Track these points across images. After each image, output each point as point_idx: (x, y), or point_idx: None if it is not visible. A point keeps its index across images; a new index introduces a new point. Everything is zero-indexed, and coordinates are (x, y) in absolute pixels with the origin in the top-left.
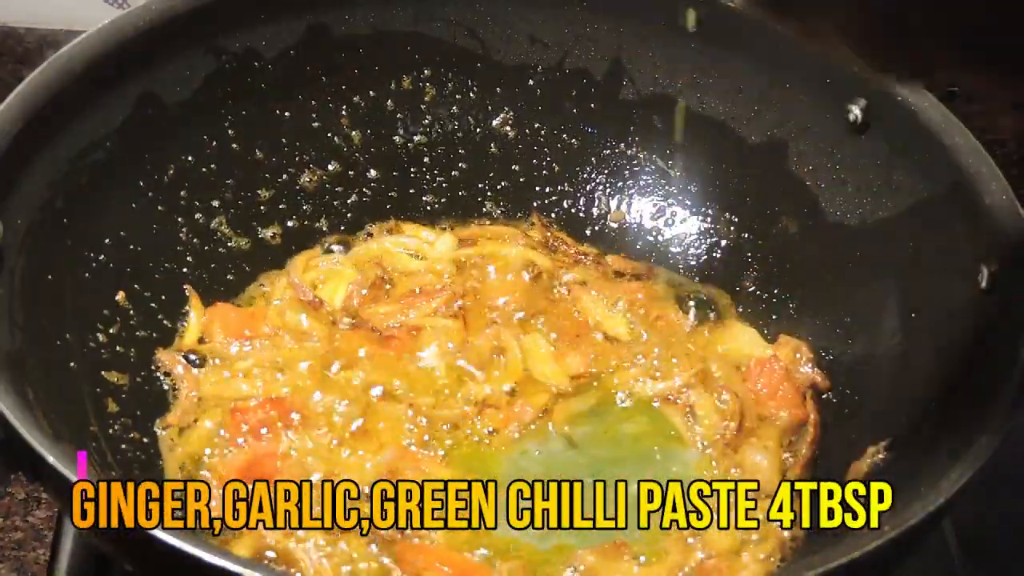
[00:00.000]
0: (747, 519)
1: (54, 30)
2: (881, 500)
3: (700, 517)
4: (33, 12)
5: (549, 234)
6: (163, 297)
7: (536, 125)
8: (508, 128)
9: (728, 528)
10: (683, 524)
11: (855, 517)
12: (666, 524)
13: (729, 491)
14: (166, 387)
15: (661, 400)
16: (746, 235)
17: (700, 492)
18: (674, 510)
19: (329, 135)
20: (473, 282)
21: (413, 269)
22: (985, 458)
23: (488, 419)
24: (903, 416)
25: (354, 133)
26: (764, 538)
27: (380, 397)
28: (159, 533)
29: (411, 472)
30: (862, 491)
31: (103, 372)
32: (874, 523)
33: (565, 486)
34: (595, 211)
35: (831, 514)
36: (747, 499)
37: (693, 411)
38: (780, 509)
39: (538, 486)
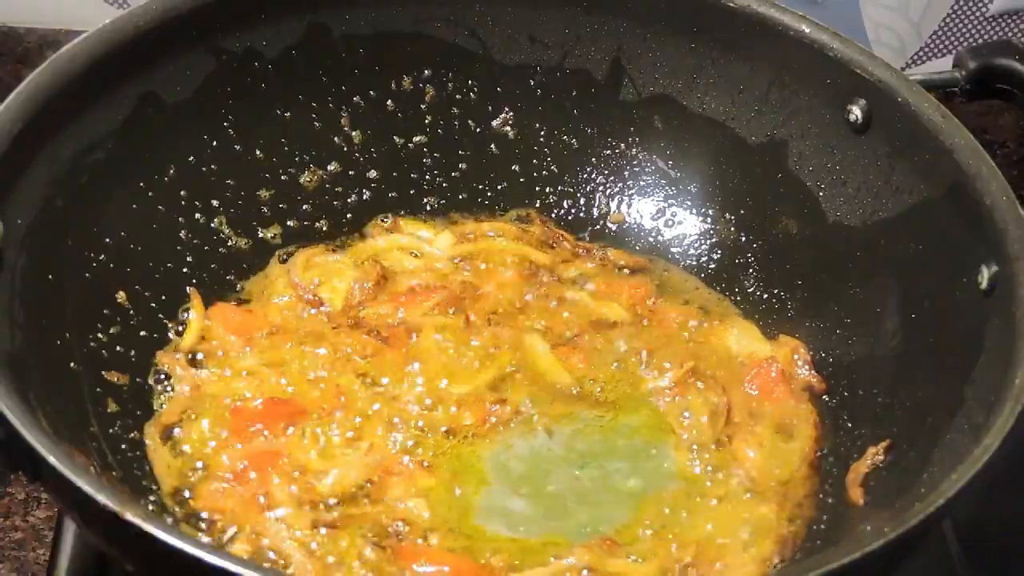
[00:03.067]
0: (746, 518)
1: (54, 30)
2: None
3: (697, 514)
4: (33, 12)
5: (548, 230)
6: (163, 297)
7: (536, 125)
8: (508, 128)
9: (726, 527)
10: (681, 522)
11: (855, 516)
12: (663, 522)
13: (727, 490)
14: (166, 387)
15: (655, 395)
16: (746, 235)
17: (698, 490)
18: (672, 508)
19: (329, 135)
20: (471, 280)
21: (412, 267)
22: (985, 459)
23: (473, 415)
24: (903, 416)
25: (354, 133)
26: (763, 538)
27: (376, 396)
28: (159, 533)
29: (397, 474)
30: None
31: (103, 372)
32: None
33: (561, 482)
34: (595, 211)
35: (831, 513)
36: (745, 498)
37: (686, 407)
38: (779, 509)
39: (534, 483)
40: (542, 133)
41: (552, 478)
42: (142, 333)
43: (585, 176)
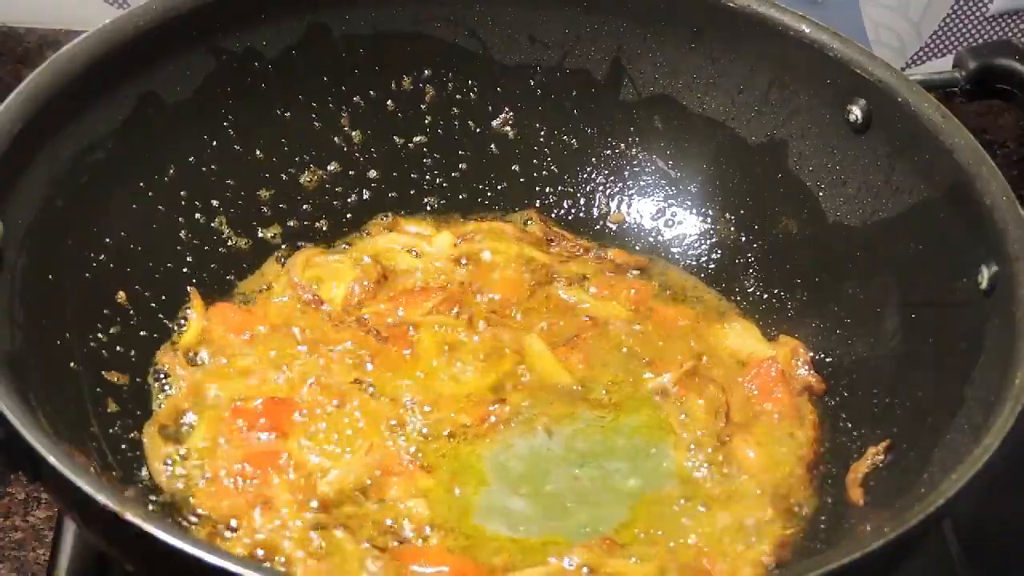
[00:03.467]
0: (745, 518)
1: (54, 30)
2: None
3: (696, 513)
4: (33, 12)
5: (548, 230)
6: (163, 297)
7: (536, 125)
8: (508, 128)
9: (726, 527)
10: (681, 522)
11: (855, 516)
12: (663, 522)
13: (727, 490)
14: (166, 387)
15: (655, 396)
16: (746, 235)
17: (697, 490)
18: (671, 508)
19: (329, 135)
20: (471, 280)
21: (411, 267)
22: (985, 459)
23: (473, 415)
24: (903, 416)
25: (354, 133)
26: (762, 538)
27: (376, 396)
28: (159, 533)
29: (396, 474)
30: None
31: (103, 372)
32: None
33: (560, 482)
34: (595, 211)
35: (831, 513)
36: (745, 498)
37: (686, 407)
38: (779, 509)
39: (533, 482)
40: (542, 133)
41: (552, 478)
42: (142, 333)
43: (585, 176)
